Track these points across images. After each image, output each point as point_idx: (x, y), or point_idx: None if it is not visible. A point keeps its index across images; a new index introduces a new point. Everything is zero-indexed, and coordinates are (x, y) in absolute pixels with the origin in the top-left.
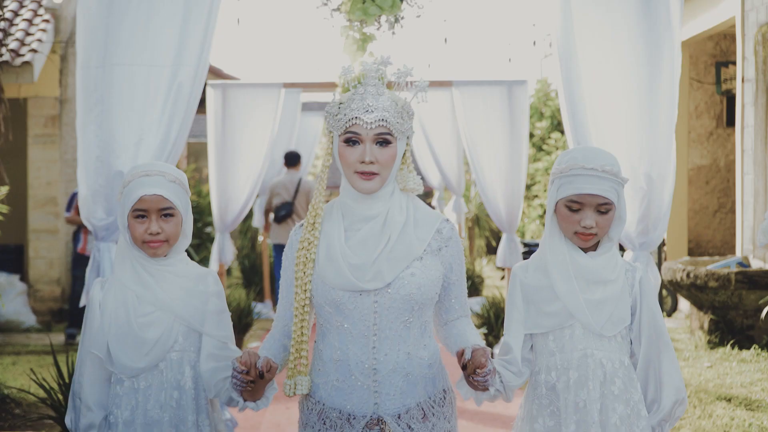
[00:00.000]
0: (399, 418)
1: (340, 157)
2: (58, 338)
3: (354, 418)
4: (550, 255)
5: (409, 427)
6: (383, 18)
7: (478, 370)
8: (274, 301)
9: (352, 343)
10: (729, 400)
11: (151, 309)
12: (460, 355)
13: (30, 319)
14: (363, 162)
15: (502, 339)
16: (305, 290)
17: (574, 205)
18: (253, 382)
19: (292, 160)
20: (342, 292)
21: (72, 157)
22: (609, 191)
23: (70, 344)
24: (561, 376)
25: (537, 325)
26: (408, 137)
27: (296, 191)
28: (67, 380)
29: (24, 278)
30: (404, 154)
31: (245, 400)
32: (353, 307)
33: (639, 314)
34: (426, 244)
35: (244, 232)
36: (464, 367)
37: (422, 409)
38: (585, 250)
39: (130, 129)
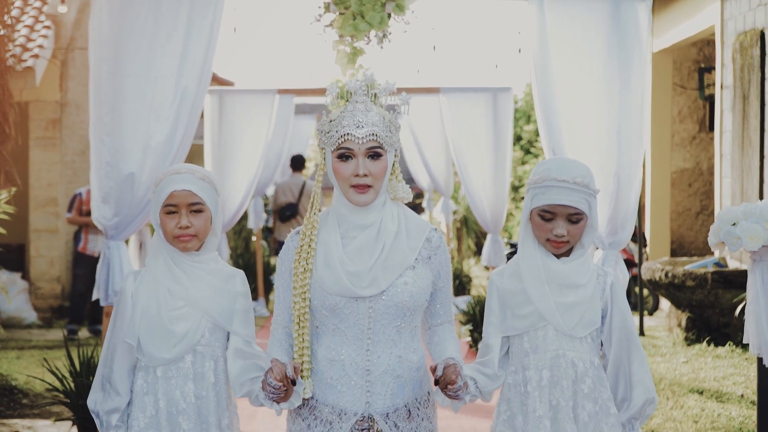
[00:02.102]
0: (387, 416)
1: (335, 172)
2: (59, 334)
3: (345, 414)
4: (523, 260)
5: (396, 425)
6: (372, 33)
7: (449, 386)
8: (268, 299)
9: (346, 344)
10: (701, 393)
11: (181, 304)
12: (433, 370)
13: (31, 315)
14: (357, 175)
15: (483, 341)
16: (305, 299)
17: (546, 215)
18: (286, 390)
19: (298, 163)
20: (339, 297)
21: (71, 159)
22: (580, 202)
23: (72, 339)
24: (534, 375)
25: (512, 327)
26: (396, 149)
27: (300, 193)
28: (78, 369)
29: (25, 276)
30: (393, 165)
31: (278, 403)
32: (349, 311)
33: (610, 317)
34: (417, 252)
35: (238, 232)
36: (436, 382)
37: (408, 409)
38: (558, 255)
39: (138, 135)
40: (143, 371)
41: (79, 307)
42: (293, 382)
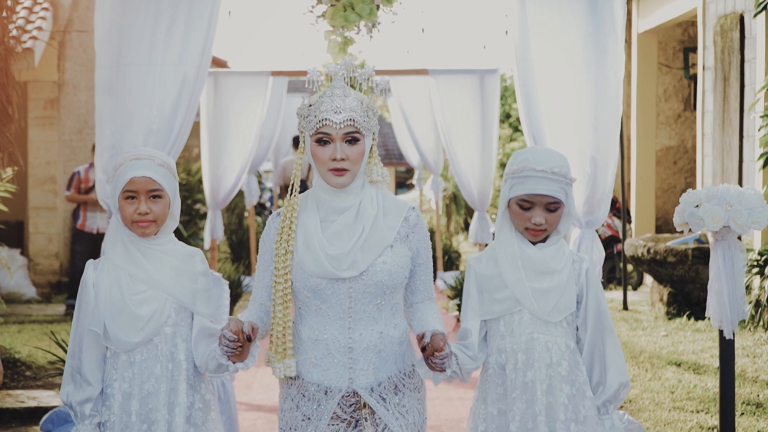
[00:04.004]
0: (372, 390)
1: (313, 156)
2: (58, 309)
3: (331, 391)
4: (500, 247)
5: (382, 398)
6: (362, 23)
7: (436, 353)
8: None
9: (329, 324)
10: (679, 365)
11: (144, 287)
12: (420, 338)
13: (30, 291)
14: (334, 159)
15: (461, 325)
16: (286, 280)
17: (525, 204)
18: (241, 346)
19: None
20: (320, 279)
21: (69, 138)
22: (558, 191)
23: (70, 314)
24: (510, 358)
25: (489, 311)
26: (374, 133)
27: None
28: None
29: (24, 252)
30: (371, 148)
31: (234, 363)
32: (330, 292)
33: (585, 302)
34: (395, 232)
35: (232, 209)
36: (423, 350)
37: (393, 382)
38: (534, 242)
39: (141, 121)
40: (113, 358)
41: (78, 283)
42: (249, 339)
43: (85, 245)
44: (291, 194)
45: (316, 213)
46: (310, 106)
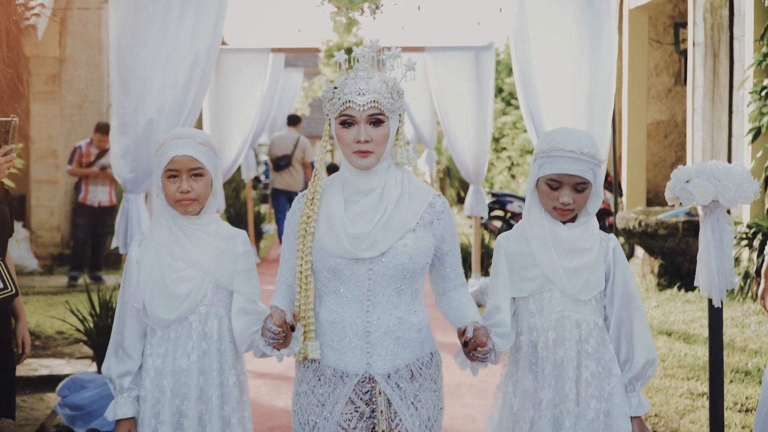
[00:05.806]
0: (389, 377)
1: (338, 138)
2: (61, 281)
3: (347, 376)
4: (530, 226)
5: (398, 386)
6: (366, 5)
7: (479, 348)
8: (258, 247)
9: (347, 306)
10: (670, 335)
11: (184, 266)
12: (462, 333)
13: (33, 263)
14: (358, 141)
15: (488, 303)
16: (306, 261)
17: (553, 184)
18: (285, 336)
19: (293, 120)
20: (340, 259)
21: (70, 113)
22: (586, 172)
23: (73, 286)
24: (540, 336)
25: (519, 289)
26: (400, 115)
27: (294, 146)
28: (98, 311)
29: (26, 225)
30: (397, 130)
31: (279, 350)
32: (350, 273)
33: (612, 280)
34: (419, 216)
35: (228, 182)
36: (465, 344)
37: (410, 369)
38: (563, 221)
39: (153, 99)
40: (150, 334)
41: (79, 255)
42: (292, 329)
43: (87, 218)
44: (315, 176)
45: (340, 193)
46: (335, 88)
